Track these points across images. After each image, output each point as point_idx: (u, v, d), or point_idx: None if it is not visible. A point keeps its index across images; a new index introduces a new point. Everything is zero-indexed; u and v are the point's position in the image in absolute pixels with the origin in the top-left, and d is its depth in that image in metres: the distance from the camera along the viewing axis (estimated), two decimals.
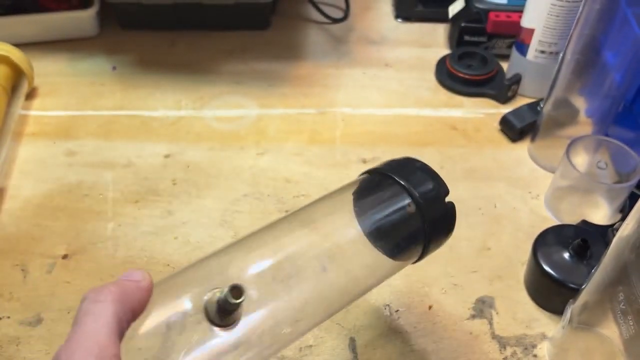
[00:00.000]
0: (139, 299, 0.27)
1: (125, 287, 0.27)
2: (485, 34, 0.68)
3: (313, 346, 0.44)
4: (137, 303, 0.27)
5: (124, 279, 0.28)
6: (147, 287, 0.28)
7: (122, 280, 0.27)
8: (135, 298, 0.27)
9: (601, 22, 0.50)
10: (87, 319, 0.25)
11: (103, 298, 0.26)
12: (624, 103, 0.54)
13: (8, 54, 0.60)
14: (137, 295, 0.27)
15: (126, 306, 0.26)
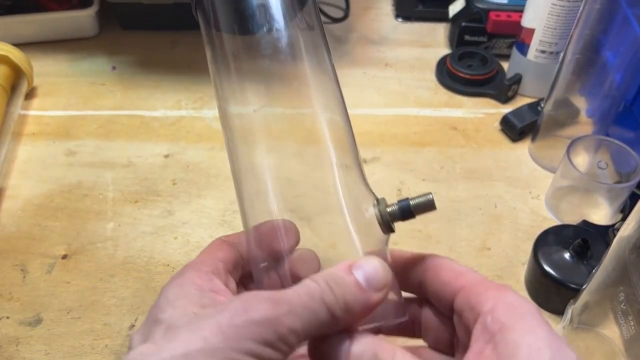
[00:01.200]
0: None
1: (347, 301, 0.25)
2: (485, 33, 0.68)
3: None
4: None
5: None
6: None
7: (349, 287, 0.25)
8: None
9: (601, 22, 0.50)
10: (300, 290, 0.24)
11: (327, 300, 0.24)
12: (624, 103, 0.54)
13: (8, 54, 0.60)
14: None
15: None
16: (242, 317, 0.22)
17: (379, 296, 0.25)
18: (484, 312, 0.25)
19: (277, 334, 0.23)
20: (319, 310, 0.24)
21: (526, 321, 0.24)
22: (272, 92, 0.29)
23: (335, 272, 0.25)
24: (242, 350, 0.22)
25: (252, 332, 0.22)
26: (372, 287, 0.25)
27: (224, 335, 0.22)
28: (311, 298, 0.24)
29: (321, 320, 0.24)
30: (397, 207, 0.29)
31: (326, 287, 0.24)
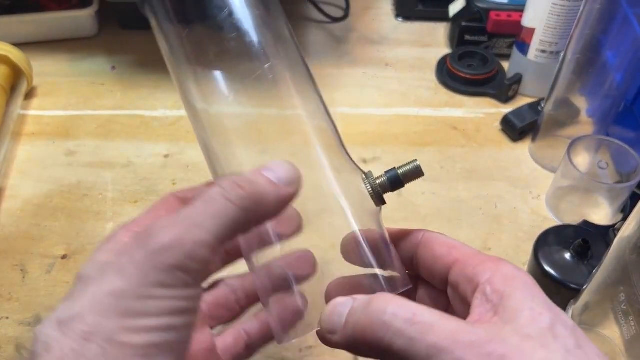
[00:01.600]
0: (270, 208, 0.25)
1: (259, 192, 0.25)
2: (485, 33, 0.68)
3: (313, 347, 0.44)
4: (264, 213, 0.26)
5: (262, 181, 0.26)
6: (284, 196, 0.26)
7: (259, 183, 0.25)
8: (266, 208, 0.25)
9: (602, 22, 0.49)
10: (198, 203, 0.24)
11: (233, 197, 0.24)
12: (624, 103, 0.54)
13: (7, 54, 0.60)
14: (268, 206, 0.25)
15: (250, 215, 0.25)
16: (142, 252, 0.22)
17: (290, 190, 0.26)
18: (482, 283, 0.25)
19: (183, 255, 0.22)
20: (225, 210, 0.24)
21: (525, 289, 0.24)
22: (240, 81, 0.29)
23: (244, 174, 0.25)
24: (150, 284, 0.22)
25: (154, 263, 0.22)
26: (282, 182, 0.26)
27: (129, 275, 0.22)
28: (212, 203, 0.24)
29: (232, 219, 0.24)
30: (386, 178, 0.29)
31: (231, 186, 0.24)
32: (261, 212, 0.25)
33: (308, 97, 0.30)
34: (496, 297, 0.24)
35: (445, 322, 0.23)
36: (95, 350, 0.21)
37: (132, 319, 0.21)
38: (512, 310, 0.23)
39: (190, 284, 0.23)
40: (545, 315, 0.23)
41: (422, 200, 0.54)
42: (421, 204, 0.53)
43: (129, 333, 0.21)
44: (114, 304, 0.21)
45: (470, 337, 0.22)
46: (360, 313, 0.24)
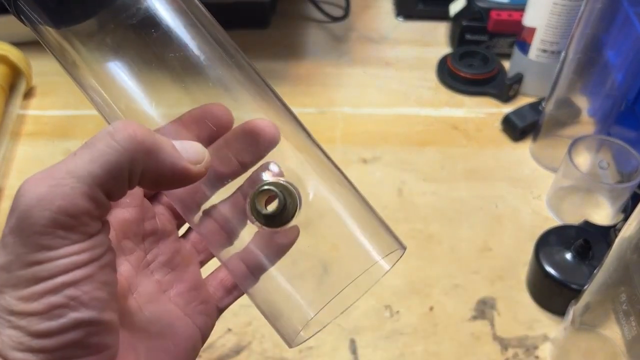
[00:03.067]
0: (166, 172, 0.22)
1: (155, 144, 0.22)
2: (486, 32, 0.68)
3: (313, 347, 0.43)
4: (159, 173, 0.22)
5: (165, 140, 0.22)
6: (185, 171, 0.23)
7: (160, 139, 0.22)
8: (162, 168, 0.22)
9: (603, 22, 0.49)
10: (79, 149, 0.21)
11: (120, 138, 0.21)
12: (625, 102, 0.54)
13: (6, 53, 0.60)
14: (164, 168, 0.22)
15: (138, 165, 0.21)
16: (14, 218, 0.21)
17: (191, 167, 0.23)
18: None
19: (54, 212, 0.20)
20: (106, 151, 0.21)
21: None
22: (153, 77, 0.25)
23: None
24: (33, 249, 0.20)
25: (27, 228, 0.20)
26: (187, 156, 0.23)
27: (11, 245, 0.20)
28: (94, 145, 0.21)
29: (114, 163, 0.21)
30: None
31: (123, 126, 0.21)
32: (152, 168, 0.22)
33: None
34: None
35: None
36: (1, 323, 0.20)
37: (25, 288, 0.20)
38: None
39: (77, 238, 0.21)
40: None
41: (422, 200, 0.53)
42: (422, 204, 0.53)
43: (27, 302, 0.20)
44: (5, 278, 0.20)
45: None
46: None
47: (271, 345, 0.43)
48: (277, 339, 0.46)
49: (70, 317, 0.20)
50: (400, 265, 0.51)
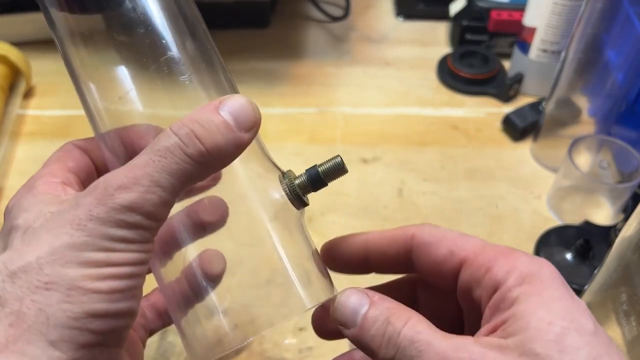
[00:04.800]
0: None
1: (218, 146, 0.23)
2: (486, 32, 0.68)
3: (313, 347, 0.43)
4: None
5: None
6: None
7: (217, 133, 0.24)
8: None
9: (603, 21, 0.49)
10: (154, 156, 0.23)
11: (192, 151, 0.23)
12: (626, 102, 0.54)
13: (6, 53, 0.60)
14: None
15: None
16: (103, 209, 0.22)
17: (248, 136, 0.24)
18: (493, 287, 0.24)
19: (145, 215, 0.22)
20: (183, 166, 0.23)
21: (539, 291, 0.23)
22: (141, 77, 0.26)
23: (200, 115, 0.24)
24: (112, 239, 0.22)
25: (116, 221, 0.22)
26: (241, 127, 0.24)
27: (90, 230, 0.22)
28: (170, 157, 0.23)
29: (189, 175, 0.23)
30: (306, 177, 0.27)
31: (188, 138, 0.23)
32: (217, 164, 0.24)
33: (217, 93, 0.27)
34: (507, 304, 0.23)
35: (443, 341, 0.22)
36: (58, 297, 0.21)
37: (95, 268, 0.22)
38: (520, 321, 0.22)
39: (148, 239, 0.23)
40: (555, 324, 0.22)
41: (422, 200, 0.53)
42: (422, 204, 0.53)
43: (93, 280, 0.21)
44: (76, 256, 0.21)
45: (460, 354, 0.22)
46: (379, 326, 0.24)
47: (271, 345, 0.43)
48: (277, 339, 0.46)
49: (126, 305, 0.22)
50: None
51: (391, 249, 0.28)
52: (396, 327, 0.23)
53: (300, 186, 0.27)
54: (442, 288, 0.27)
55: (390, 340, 0.23)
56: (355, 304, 0.25)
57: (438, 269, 0.26)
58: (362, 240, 0.28)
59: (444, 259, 0.26)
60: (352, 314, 0.25)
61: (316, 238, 0.50)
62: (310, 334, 0.44)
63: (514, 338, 0.22)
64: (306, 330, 0.44)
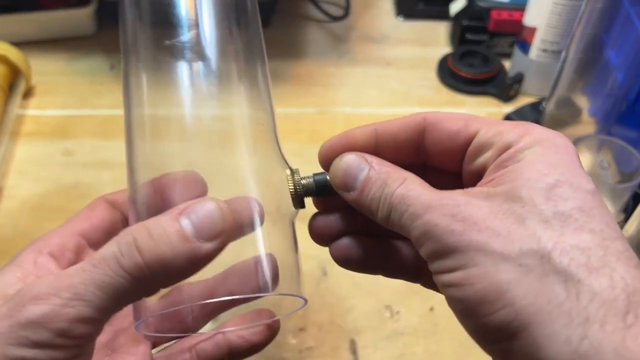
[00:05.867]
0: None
1: (162, 259, 0.21)
2: (487, 32, 0.68)
3: (313, 348, 0.43)
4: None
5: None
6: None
7: (165, 245, 0.21)
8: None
9: (604, 21, 0.49)
10: (87, 265, 0.21)
11: (127, 265, 0.21)
12: (626, 102, 0.54)
13: (5, 53, 0.60)
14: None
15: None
16: (7, 323, 0.20)
17: (210, 247, 0.21)
18: (504, 148, 0.23)
19: (54, 333, 0.20)
20: (115, 280, 0.20)
21: (548, 152, 0.22)
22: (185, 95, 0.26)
23: (154, 222, 0.21)
24: (6, 358, 0.20)
25: (18, 337, 0.20)
26: (201, 235, 0.21)
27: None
28: (103, 268, 0.20)
29: (122, 291, 0.20)
30: (313, 180, 0.27)
31: (128, 249, 0.20)
32: (163, 279, 0.21)
33: (251, 95, 0.28)
34: (511, 161, 0.22)
35: (430, 193, 0.23)
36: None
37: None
38: (515, 172, 0.22)
39: (62, 358, 0.20)
40: (550, 176, 0.21)
41: None
42: None
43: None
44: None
45: (444, 202, 0.22)
46: (376, 190, 0.24)
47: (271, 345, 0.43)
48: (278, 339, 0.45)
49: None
50: None
51: (402, 133, 0.26)
52: (392, 188, 0.24)
53: (306, 187, 0.27)
54: (451, 169, 0.26)
55: (385, 200, 0.24)
56: (355, 168, 0.25)
57: (450, 143, 0.25)
58: (370, 128, 0.27)
59: (458, 130, 0.25)
60: (352, 178, 0.25)
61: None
62: (310, 334, 0.44)
63: (503, 186, 0.21)
64: (306, 330, 0.44)
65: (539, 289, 0.19)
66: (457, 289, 0.21)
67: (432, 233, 0.21)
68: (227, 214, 0.22)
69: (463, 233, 0.21)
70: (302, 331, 0.44)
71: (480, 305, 0.20)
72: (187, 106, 0.26)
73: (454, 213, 0.21)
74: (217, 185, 0.26)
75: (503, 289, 0.19)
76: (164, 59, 0.26)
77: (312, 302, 0.45)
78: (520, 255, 0.20)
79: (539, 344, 0.19)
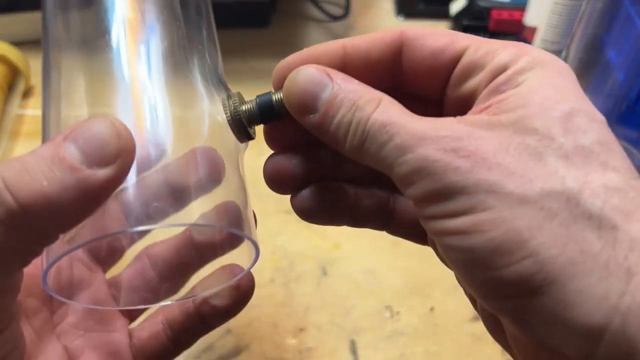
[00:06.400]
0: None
1: (42, 196, 0.17)
2: (487, 32, 0.67)
3: (313, 348, 0.43)
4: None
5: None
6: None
7: (44, 178, 0.17)
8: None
9: (604, 21, 0.49)
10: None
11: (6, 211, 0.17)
12: (627, 102, 0.54)
13: (5, 53, 0.60)
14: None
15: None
16: None
17: (107, 172, 0.17)
18: (498, 70, 0.20)
19: None
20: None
21: (551, 75, 0.19)
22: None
23: (33, 154, 0.17)
24: None
25: None
26: (93, 161, 0.17)
27: None
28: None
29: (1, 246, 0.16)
30: (256, 104, 0.22)
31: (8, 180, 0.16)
32: (52, 222, 0.17)
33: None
34: (509, 85, 0.19)
35: (419, 121, 0.19)
36: None
37: None
38: (521, 98, 0.19)
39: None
40: (563, 104, 0.18)
41: None
42: None
43: None
44: None
45: (441, 133, 0.18)
46: (345, 112, 0.20)
47: (271, 346, 0.43)
48: (277, 340, 0.45)
49: None
50: (400, 265, 0.51)
51: (375, 50, 0.22)
52: (365, 111, 0.19)
53: (246, 113, 0.23)
54: (431, 94, 0.23)
55: (357, 126, 0.20)
56: (316, 84, 0.21)
57: (432, 62, 0.21)
58: (338, 45, 0.22)
59: (442, 48, 0.21)
60: (312, 97, 0.20)
61: (317, 238, 0.50)
62: (310, 334, 0.44)
63: (509, 114, 0.18)
64: (306, 330, 0.44)
65: (567, 237, 0.16)
66: (463, 237, 0.17)
67: (429, 170, 0.18)
68: (123, 130, 0.18)
69: (470, 171, 0.17)
70: (301, 331, 0.44)
71: (495, 256, 0.17)
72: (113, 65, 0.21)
73: (455, 147, 0.18)
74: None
75: (524, 237, 0.16)
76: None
77: (312, 302, 0.45)
78: (542, 196, 0.17)
79: (568, 301, 0.16)
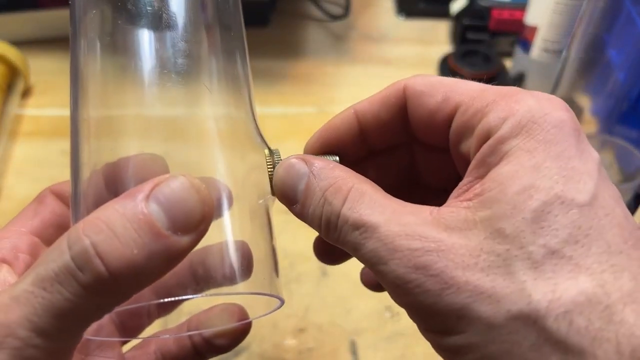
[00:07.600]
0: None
1: (130, 266, 0.16)
2: (488, 31, 0.67)
3: (313, 349, 0.43)
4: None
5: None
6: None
7: (132, 247, 0.16)
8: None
9: (605, 21, 0.49)
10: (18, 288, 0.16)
11: (70, 287, 0.16)
12: (628, 102, 0.54)
13: (4, 52, 0.60)
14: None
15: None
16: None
17: (189, 240, 0.17)
18: (485, 137, 0.19)
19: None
20: (75, 302, 0.16)
21: (536, 146, 0.18)
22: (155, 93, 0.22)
23: (113, 212, 0.16)
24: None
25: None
26: (178, 227, 0.17)
27: None
28: (58, 290, 0.15)
29: (85, 310, 0.16)
30: None
31: (84, 256, 0.16)
32: (133, 287, 0.17)
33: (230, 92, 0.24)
34: (495, 159, 0.18)
35: (391, 219, 0.18)
36: None
37: None
38: (497, 189, 0.18)
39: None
40: (537, 196, 0.17)
41: None
42: None
43: None
44: None
45: (412, 245, 0.18)
46: (315, 205, 0.20)
47: (271, 346, 0.43)
48: (277, 340, 0.45)
49: None
50: None
51: (384, 111, 0.23)
52: (334, 205, 0.19)
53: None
54: (437, 146, 0.23)
55: (329, 222, 0.19)
56: (293, 177, 0.21)
57: (431, 121, 0.22)
58: (349, 113, 0.22)
59: (437, 107, 0.21)
60: (291, 190, 0.21)
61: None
62: (310, 335, 0.44)
63: (484, 213, 0.18)
64: (306, 331, 0.44)
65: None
66: (444, 352, 0.18)
67: (404, 289, 0.18)
68: (207, 197, 0.17)
69: (440, 294, 0.17)
70: (302, 332, 0.44)
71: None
72: (145, 96, 0.22)
73: (426, 264, 0.17)
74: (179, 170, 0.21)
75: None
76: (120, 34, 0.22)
77: (312, 302, 0.45)
78: (508, 321, 0.17)
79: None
